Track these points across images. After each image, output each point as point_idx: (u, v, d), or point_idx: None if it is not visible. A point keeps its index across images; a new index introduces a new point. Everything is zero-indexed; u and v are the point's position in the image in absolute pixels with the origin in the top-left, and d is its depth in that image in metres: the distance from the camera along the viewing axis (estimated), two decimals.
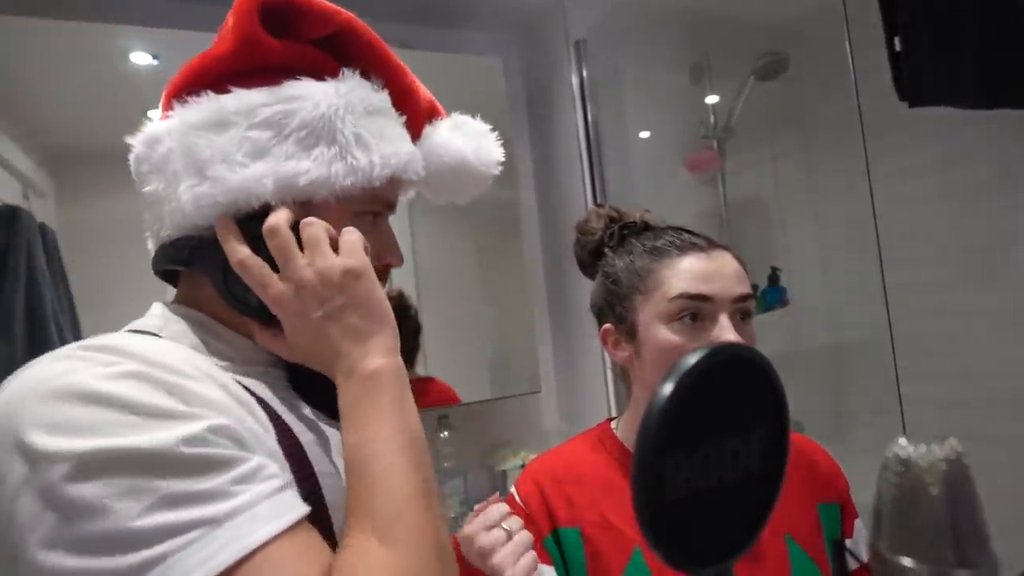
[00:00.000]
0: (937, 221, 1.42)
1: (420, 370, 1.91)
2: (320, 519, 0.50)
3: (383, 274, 0.63)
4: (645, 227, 0.88)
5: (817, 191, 1.81)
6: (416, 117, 0.67)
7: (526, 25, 2.17)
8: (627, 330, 0.81)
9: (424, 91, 0.69)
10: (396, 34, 1.98)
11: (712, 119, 2.02)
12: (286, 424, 0.54)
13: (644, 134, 2.01)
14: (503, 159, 0.72)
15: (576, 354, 2.12)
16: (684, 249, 0.80)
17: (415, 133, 0.67)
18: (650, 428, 0.39)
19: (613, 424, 0.89)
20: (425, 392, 1.91)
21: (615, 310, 0.83)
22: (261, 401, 0.54)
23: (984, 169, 1.33)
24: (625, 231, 0.88)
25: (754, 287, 1.91)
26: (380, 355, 0.53)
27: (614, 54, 1.94)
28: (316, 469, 0.54)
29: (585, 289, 0.91)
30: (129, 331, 0.55)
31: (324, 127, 0.56)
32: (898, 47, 1.23)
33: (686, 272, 0.77)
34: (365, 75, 0.61)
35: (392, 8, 1.94)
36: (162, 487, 0.40)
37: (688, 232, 0.84)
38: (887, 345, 1.26)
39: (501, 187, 2.09)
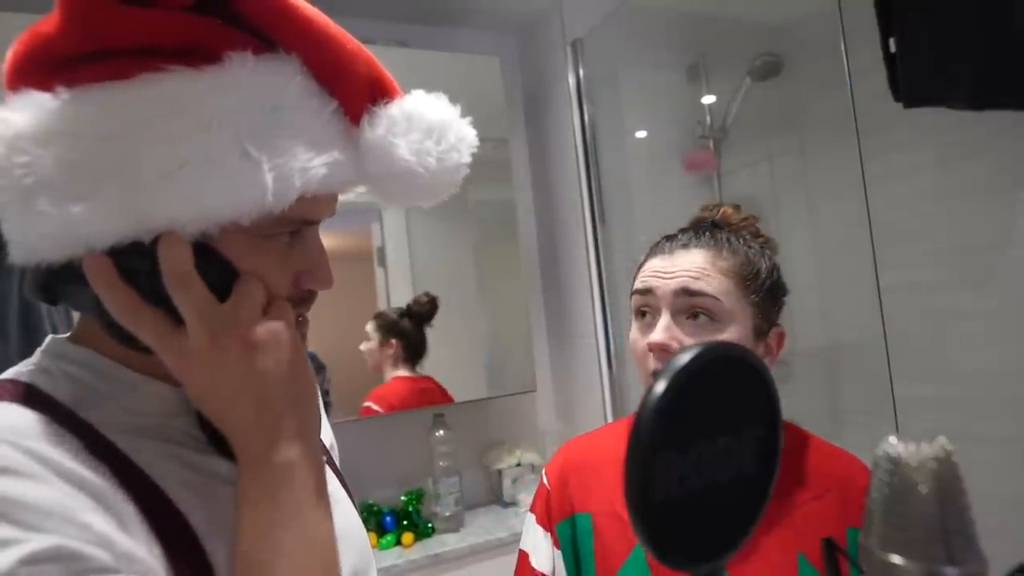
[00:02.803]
0: (931, 222, 1.43)
1: (417, 369, 1.92)
2: None
3: (307, 300, 0.53)
4: (677, 233, 0.88)
5: (812, 191, 1.82)
6: (352, 102, 0.49)
7: (523, 25, 2.17)
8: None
9: (368, 65, 0.50)
10: (393, 33, 1.99)
11: (708, 119, 2.02)
12: (174, 508, 0.45)
13: (641, 134, 2.02)
14: (469, 158, 0.55)
15: (571, 353, 2.13)
16: (657, 252, 0.82)
17: (353, 119, 0.50)
18: (642, 426, 0.39)
19: None
20: (420, 391, 1.92)
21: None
22: (140, 480, 0.44)
23: (978, 170, 1.34)
24: (662, 239, 0.89)
25: None
26: (298, 441, 0.44)
27: (611, 54, 1.94)
28: (214, 553, 0.45)
29: (580, 290, 0.91)
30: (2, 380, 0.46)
31: (194, 141, 0.41)
32: (893, 48, 1.24)
33: (643, 271, 0.81)
34: (272, 49, 0.46)
35: (389, 7, 1.94)
36: None
37: (684, 232, 0.84)
38: (881, 345, 1.27)
39: (498, 186, 2.11)
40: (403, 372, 1.91)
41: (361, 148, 0.50)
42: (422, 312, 1.92)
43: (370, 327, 1.88)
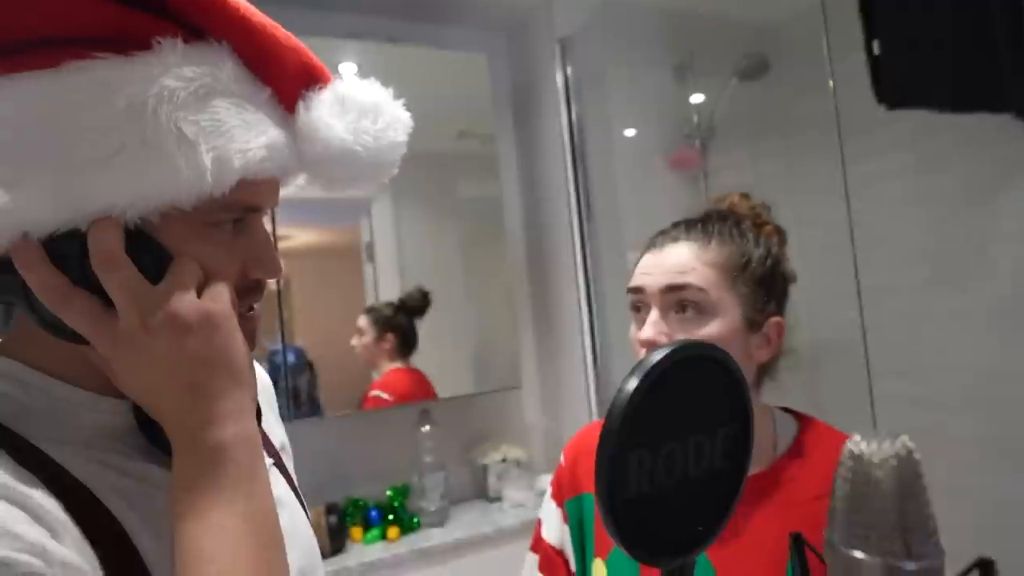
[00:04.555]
0: (911, 224, 1.45)
1: (411, 362, 1.93)
2: None
3: (256, 290, 0.52)
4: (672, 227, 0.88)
5: (796, 192, 1.83)
6: (286, 88, 0.50)
7: (512, 22, 2.17)
8: None
9: (298, 52, 0.51)
10: (382, 28, 1.99)
11: (695, 118, 2.03)
12: (109, 515, 0.44)
13: (628, 132, 2.03)
14: (405, 137, 0.55)
15: (557, 350, 2.13)
16: (650, 245, 0.84)
17: (287, 107, 0.51)
18: (613, 423, 0.40)
19: None
20: (405, 384, 1.92)
21: None
22: (73, 490, 0.43)
23: (956, 173, 1.36)
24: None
25: None
26: (231, 422, 0.43)
27: (599, 52, 1.95)
28: (152, 562, 0.45)
29: (566, 286, 0.92)
30: None
31: (128, 126, 0.41)
32: (876, 50, 1.25)
33: (637, 268, 0.83)
34: (202, 38, 0.46)
35: (378, 3, 1.93)
36: None
37: (676, 225, 0.84)
38: (859, 344, 1.28)
39: (485, 183, 2.11)
40: (399, 365, 1.92)
41: (298, 133, 0.50)
42: (415, 306, 1.93)
43: (364, 322, 1.88)
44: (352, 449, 1.90)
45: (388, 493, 1.83)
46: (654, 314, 0.77)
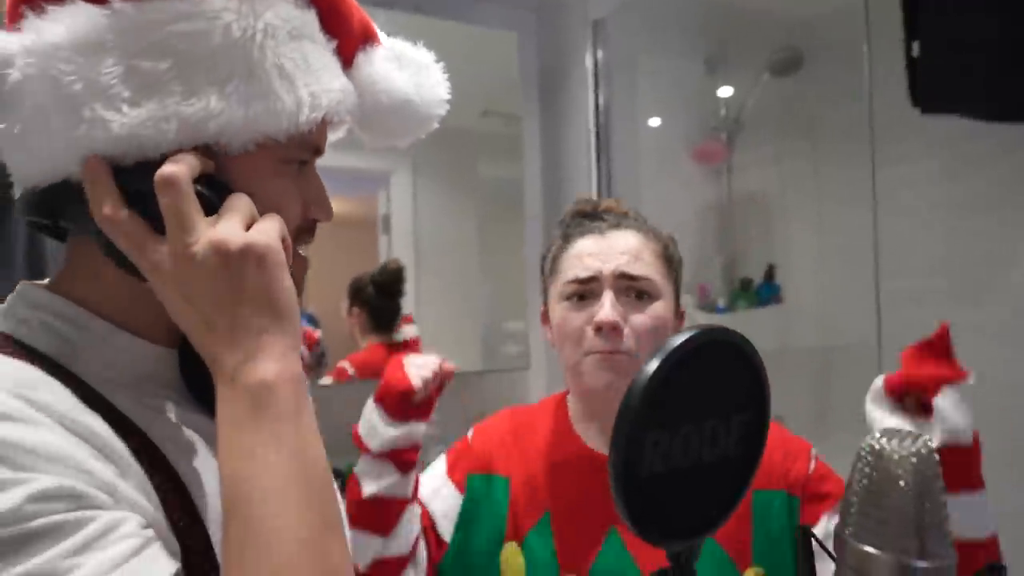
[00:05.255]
0: (935, 233, 1.42)
1: (411, 334, 1.90)
2: (208, 569, 0.44)
3: (310, 230, 0.55)
4: (586, 214, 0.90)
5: (820, 193, 1.81)
6: (348, 43, 0.54)
7: (545, 0, 2.15)
8: (547, 313, 0.89)
9: (359, 10, 0.56)
10: None
11: (723, 111, 2.01)
12: (164, 458, 0.45)
13: (654, 121, 2.00)
14: (449, 96, 0.60)
15: None
16: (585, 232, 0.85)
17: (347, 60, 0.54)
18: (631, 404, 0.40)
19: (569, 397, 0.92)
20: (375, 360, 1.83)
21: (544, 296, 0.91)
22: (130, 430, 0.44)
23: (984, 184, 1.33)
24: (574, 220, 0.90)
25: (749, 281, 1.93)
26: (274, 360, 0.42)
27: (631, 37, 1.92)
28: (203, 507, 0.46)
29: None
30: None
31: (239, 56, 0.44)
32: (916, 52, 1.23)
33: (576, 255, 0.83)
34: None
35: None
36: None
37: (606, 215, 0.87)
38: (874, 351, 1.27)
39: (507, 163, 2.10)
40: (376, 340, 1.85)
41: (358, 85, 0.54)
42: (385, 280, 1.84)
43: (345, 294, 1.85)
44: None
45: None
46: (609, 296, 0.79)
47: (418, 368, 0.79)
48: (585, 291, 0.81)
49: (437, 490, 0.87)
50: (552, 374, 2.22)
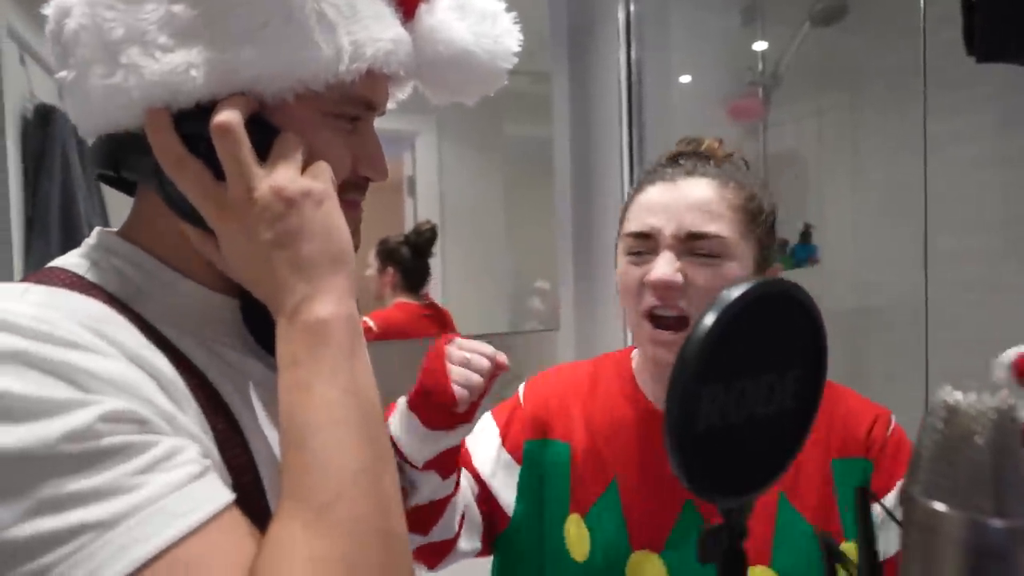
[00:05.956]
0: (986, 189, 1.36)
1: (437, 297, 1.91)
2: (257, 509, 0.44)
3: (360, 187, 0.54)
4: (673, 157, 0.81)
5: (861, 150, 1.75)
6: None
7: None
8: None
9: None
10: None
11: (760, 65, 1.93)
12: (220, 398, 0.47)
13: (686, 78, 1.94)
14: (519, 48, 0.57)
15: (597, 296, 2.12)
16: (655, 179, 0.77)
17: (407, 11, 0.52)
18: (688, 358, 0.39)
19: (634, 353, 0.87)
20: (420, 317, 1.89)
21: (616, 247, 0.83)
22: (190, 370, 0.46)
23: None
24: (659, 163, 0.83)
25: (785, 242, 1.88)
26: (331, 299, 0.44)
27: None
28: (256, 448, 0.47)
29: (612, 233, 0.88)
30: (49, 267, 0.47)
31: (274, 3, 0.43)
32: None
33: (640, 207, 0.76)
34: None
35: None
36: (41, 489, 0.34)
37: (684, 159, 0.79)
38: (920, 312, 1.23)
39: (535, 122, 2.05)
40: (404, 299, 1.88)
41: (418, 37, 0.52)
42: (418, 242, 1.88)
43: (371, 254, 1.87)
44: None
45: None
46: (667, 253, 0.72)
47: (462, 370, 0.69)
48: (643, 247, 0.74)
49: (493, 462, 0.82)
50: (581, 336, 2.21)
